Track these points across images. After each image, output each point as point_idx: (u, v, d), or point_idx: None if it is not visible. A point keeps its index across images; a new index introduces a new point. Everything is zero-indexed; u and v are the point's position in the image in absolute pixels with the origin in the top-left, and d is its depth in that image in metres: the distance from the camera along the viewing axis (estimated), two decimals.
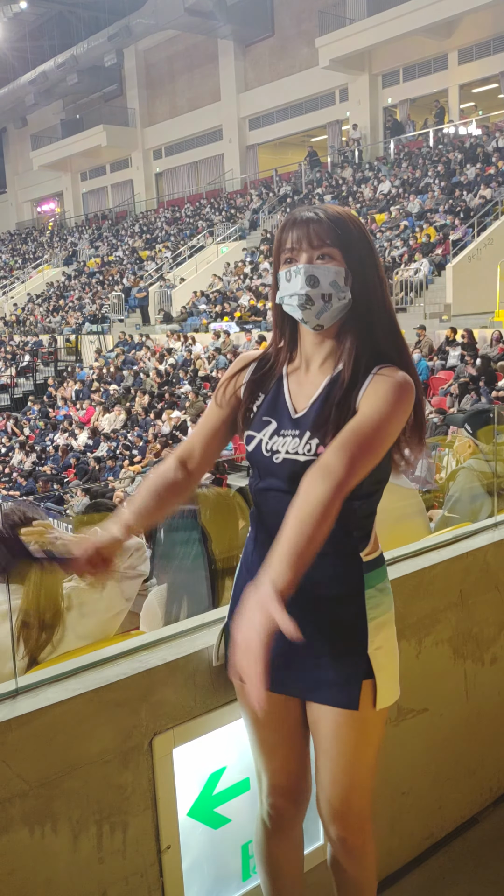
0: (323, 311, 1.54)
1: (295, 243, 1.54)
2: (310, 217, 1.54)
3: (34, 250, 34.98)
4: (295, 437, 1.56)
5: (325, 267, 1.53)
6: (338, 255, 1.53)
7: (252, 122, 29.53)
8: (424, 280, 16.51)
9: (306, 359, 1.63)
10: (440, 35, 22.63)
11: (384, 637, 1.64)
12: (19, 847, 1.53)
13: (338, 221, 1.54)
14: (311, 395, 1.59)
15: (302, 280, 1.53)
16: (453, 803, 2.47)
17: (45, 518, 2.21)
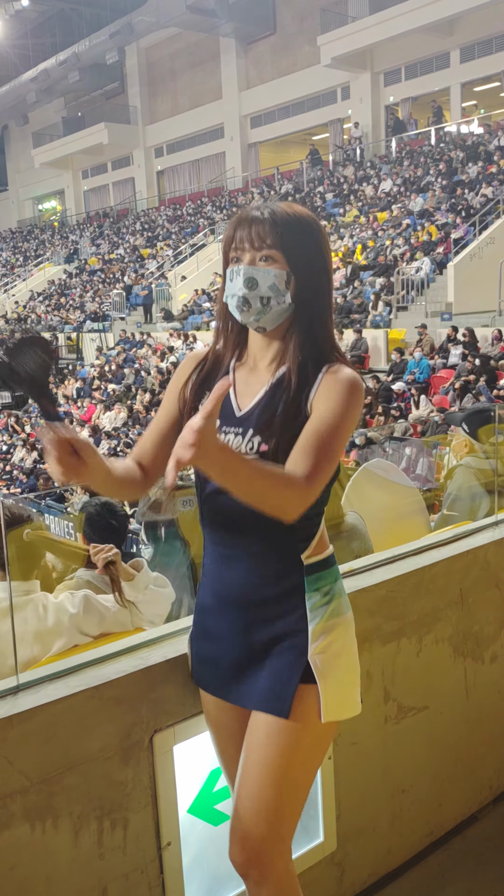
0: (262, 314, 1.51)
1: (239, 242, 1.51)
2: (255, 217, 1.50)
3: (35, 248, 34.97)
4: (238, 434, 1.53)
5: (265, 270, 1.49)
6: (280, 258, 1.49)
7: (254, 120, 29.49)
8: (426, 278, 16.50)
9: (253, 357, 1.60)
10: (442, 33, 22.59)
11: (330, 642, 1.55)
12: (20, 843, 1.54)
13: (285, 223, 1.49)
14: (255, 393, 1.56)
15: (241, 281, 1.49)
16: (453, 801, 2.48)
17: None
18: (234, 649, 1.57)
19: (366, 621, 2.12)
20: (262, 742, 1.53)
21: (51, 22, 32.81)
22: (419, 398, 12.77)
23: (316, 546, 1.57)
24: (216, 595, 1.60)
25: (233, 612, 1.57)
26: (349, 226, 20.86)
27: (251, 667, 1.55)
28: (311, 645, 1.53)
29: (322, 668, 1.52)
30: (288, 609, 1.54)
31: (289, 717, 1.50)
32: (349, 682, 1.58)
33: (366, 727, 2.16)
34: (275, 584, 1.55)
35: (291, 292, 1.50)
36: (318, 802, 2.02)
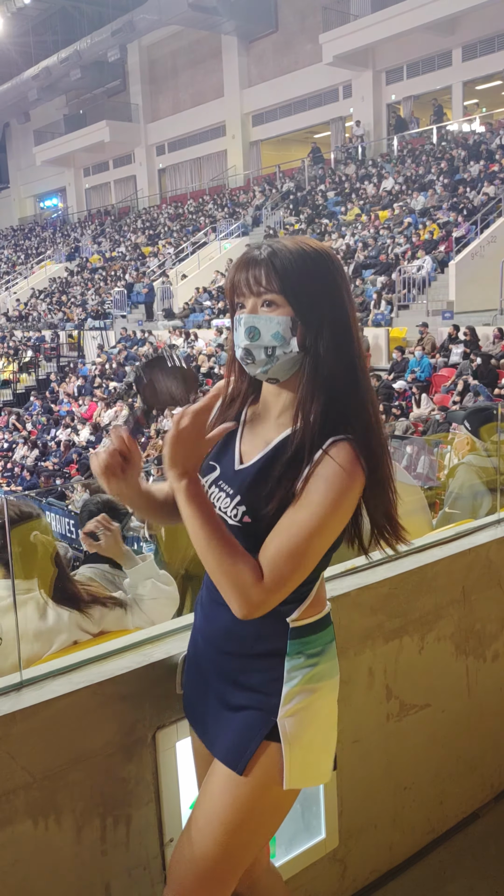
0: (269, 365, 1.37)
1: (241, 286, 1.38)
2: (252, 258, 1.36)
3: (37, 246, 34.96)
4: (229, 495, 1.42)
5: (266, 317, 1.35)
6: (282, 303, 1.34)
7: (255, 119, 29.48)
8: (427, 277, 16.49)
9: (265, 405, 1.47)
10: (444, 31, 22.57)
11: (305, 706, 1.45)
12: (23, 838, 1.54)
13: (286, 262, 1.33)
14: (257, 450, 1.44)
15: (243, 332, 1.37)
16: (454, 798, 2.48)
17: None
18: (210, 690, 1.53)
19: (368, 619, 2.12)
20: (214, 792, 1.47)
21: (52, 19, 32.78)
22: (420, 397, 12.77)
23: (307, 609, 1.46)
24: (202, 632, 1.56)
25: (212, 655, 1.53)
26: (350, 224, 20.85)
27: (222, 711, 1.50)
28: (281, 707, 1.44)
29: (290, 732, 1.43)
30: (266, 667, 1.46)
31: (243, 774, 1.43)
32: (320, 750, 1.49)
33: (368, 725, 2.16)
34: (255, 643, 1.46)
35: (299, 339, 1.35)
36: (320, 799, 2.03)
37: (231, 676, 1.49)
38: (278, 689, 1.44)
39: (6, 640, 1.94)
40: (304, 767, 1.45)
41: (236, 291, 1.39)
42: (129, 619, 2.24)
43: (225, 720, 1.48)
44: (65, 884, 1.61)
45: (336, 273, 1.38)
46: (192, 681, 1.61)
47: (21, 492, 14.24)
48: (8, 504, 2.16)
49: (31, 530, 2.15)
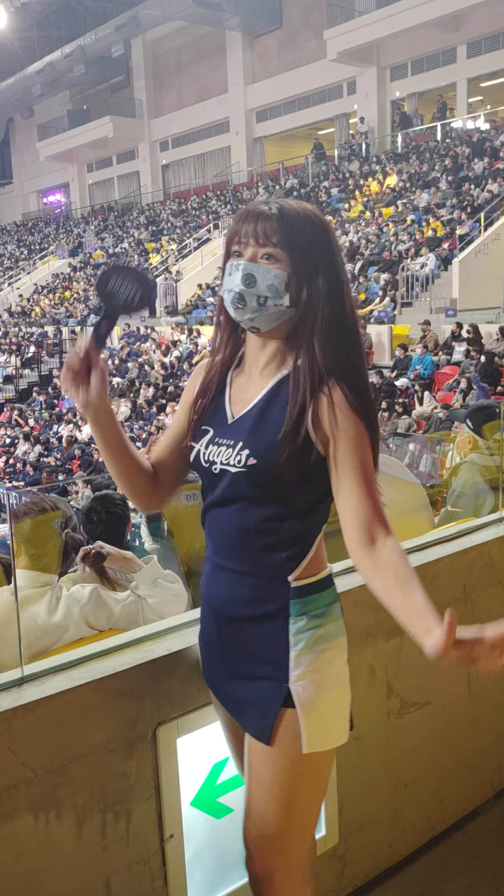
0: (256, 314, 1.43)
1: (243, 237, 1.43)
2: (262, 211, 1.42)
3: (40, 241, 34.95)
4: (229, 446, 1.46)
5: (265, 268, 1.42)
6: (283, 258, 1.41)
7: (259, 115, 29.42)
8: (430, 274, 16.47)
9: (249, 362, 1.53)
10: (449, 28, 22.51)
11: (314, 670, 1.47)
12: (24, 833, 1.54)
13: (292, 221, 1.41)
14: (249, 400, 1.49)
15: (239, 277, 1.42)
16: (454, 796, 2.49)
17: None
18: (222, 659, 1.55)
19: (369, 617, 2.12)
20: (254, 765, 1.51)
21: (56, 14, 32.71)
22: (423, 394, 12.75)
23: (307, 567, 1.48)
24: (207, 602, 1.58)
25: (218, 624, 1.55)
26: (354, 221, 20.82)
27: (239, 679, 1.52)
28: (291, 672, 1.46)
29: (304, 697, 1.45)
30: (269, 632, 1.48)
31: (270, 744, 1.46)
32: (335, 711, 1.51)
33: (368, 722, 2.17)
34: (256, 604, 1.48)
35: (291, 295, 1.42)
36: None
37: (241, 646, 1.51)
38: (285, 654, 1.46)
39: (9, 635, 1.94)
40: (322, 730, 1.47)
41: (238, 239, 1.45)
42: (139, 618, 2.24)
43: (246, 691, 1.51)
44: (65, 879, 1.62)
45: (333, 238, 1.47)
46: (206, 653, 1.61)
47: (23, 488, 14.25)
48: (42, 497, 2.20)
49: (50, 522, 2.17)
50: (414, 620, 1.30)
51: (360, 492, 1.40)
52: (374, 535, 1.39)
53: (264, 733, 1.47)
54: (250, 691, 1.50)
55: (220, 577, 1.53)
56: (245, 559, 1.48)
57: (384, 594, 1.36)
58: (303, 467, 1.42)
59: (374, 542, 1.38)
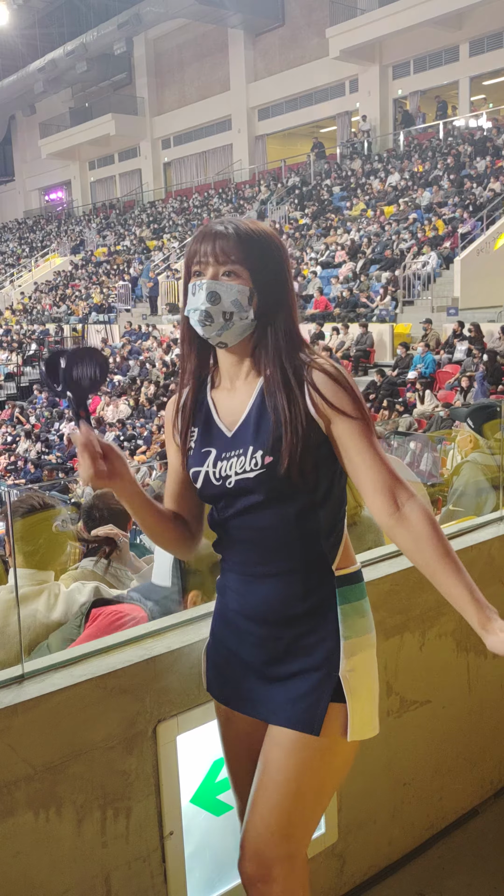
0: (224, 329, 1.48)
1: (202, 257, 1.48)
2: (219, 231, 1.47)
3: (41, 239, 34.94)
4: (238, 455, 1.49)
5: (228, 284, 1.46)
6: (244, 274, 1.47)
7: (261, 113, 29.39)
8: (432, 273, 16.46)
9: (229, 377, 1.56)
10: (451, 26, 22.48)
11: (360, 660, 1.53)
12: (24, 830, 1.55)
13: (248, 239, 1.47)
14: (241, 410, 1.52)
15: (204, 295, 1.47)
16: (454, 794, 2.49)
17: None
18: (260, 665, 1.54)
19: None
20: (283, 758, 1.50)
21: (59, 12, 32.70)
22: (424, 393, 12.75)
23: (343, 557, 1.55)
24: (240, 612, 1.56)
25: (261, 629, 1.54)
26: (356, 219, 20.80)
27: (276, 682, 1.52)
28: (343, 661, 1.50)
29: (353, 685, 1.50)
30: (319, 623, 1.51)
31: (320, 734, 1.48)
32: (374, 700, 1.56)
33: None
34: (305, 599, 1.51)
35: (254, 308, 1.48)
36: None
37: (283, 645, 1.52)
38: (336, 643, 1.50)
39: (10, 632, 1.95)
40: (363, 719, 1.52)
41: (198, 259, 1.49)
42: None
43: (289, 690, 1.51)
44: (65, 875, 1.62)
45: (283, 250, 1.53)
46: (229, 663, 1.59)
47: (24, 485, 14.26)
48: (30, 495, 2.19)
49: (50, 521, 2.17)
50: (468, 608, 1.45)
51: (374, 459, 1.46)
52: (398, 500, 1.45)
53: (314, 724, 1.48)
54: (296, 688, 1.51)
55: (260, 585, 1.53)
56: (291, 556, 1.51)
57: (426, 569, 1.46)
58: (314, 450, 1.46)
59: (400, 506, 1.45)
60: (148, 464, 11.97)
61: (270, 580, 1.52)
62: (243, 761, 1.64)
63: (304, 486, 1.47)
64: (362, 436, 1.46)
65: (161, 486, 2.90)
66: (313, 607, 1.52)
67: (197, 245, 1.49)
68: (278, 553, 1.51)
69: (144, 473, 10.56)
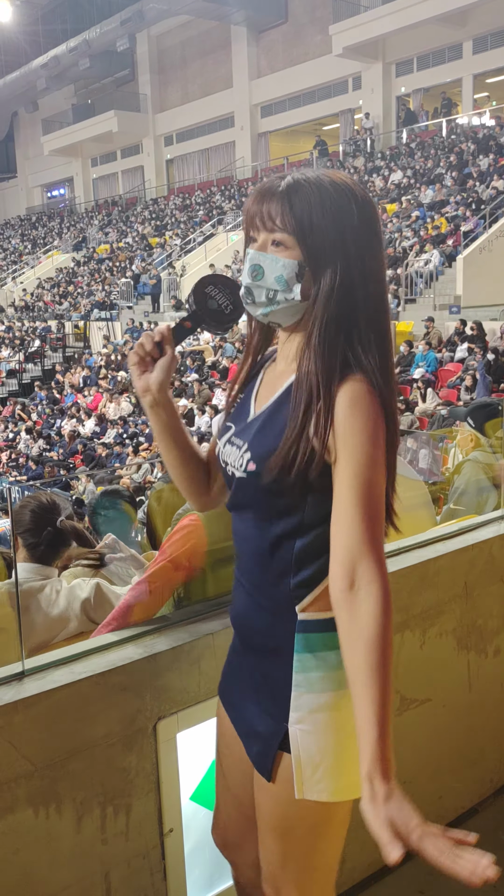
0: (269, 308, 1.27)
1: (252, 219, 1.27)
2: (269, 189, 1.24)
3: (44, 235, 34.94)
4: (238, 447, 1.34)
5: (273, 257, 1.24)
6: (293, 244, 1.22)
7: (264, 110, 29.36)
8: (434, 271, 16.44)
9: (282, 356, 1.37)
10: (455, 24, 22.43)
11: (314, 720, 1.31)
12: (24, 827, 1.55)
13: (307, 198, 1.20)
14: (268, 398, 1.34)
15: (247, 269, 1.27)
16: (454, 793, 2.49)
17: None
18: (243, 678, 1.46)
19: None
20: (258, 798, 1.42)
21: (61, 8, 32.67)
22: (426, 391, 12.74)
23: (318, 599, 1.31)
24: (232, 616, 1.50)
25: (241, 644, 1.47)
26: None
27: (252, 703, 1.42)
28: (291, 713, 1.31)
29: (301, 742, 1.31)
30: (277, 663, 1.35)
31: (272, 781, 1.35)
32: (339, 762, 1.32)
33: None
34: (265, 631, 1.37)
35: (303, 288, 1.24)
36: None
37: (251, 668, 1.43)
38: (287, 692, 1.32)
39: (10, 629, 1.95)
40: (319, 779, 1.31)
41: (251, 224, 1.28)
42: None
43: (254, 719, 1.40)
44: (65, 873, 1.62)
45: (366, 212, 1.24)
46: (229, 667, 1.54)
47: (26, 482, 14.28)
48: (38, 494, 2.20)
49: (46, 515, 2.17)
50: (367, 745, 1.19)
51: (352, 516, 1.18)
52: (355, 578, 1.17)
53: (264, 770, 1.36)
54: (257, 720, 1.39)
55: (239, 591, 1.44)
56: (257, 581, 1.37)
57: (350, 670, 1.18)
58: (306, 477, 1.24)
59: (353, 586, 1.17)
60: (150, 461, 11.98)
61: (243, 592, 1.41)
62: (223, 754, 1.58)
63: (285, 510, 1.29)
64: (352, 487, 1.19)
65: (163, 487, 2.90)
66: (271, 642, 1.36)
67: (250, 205, 1.27)
68: (248, 566, 1.38)
69: (146, 470, 10.56)
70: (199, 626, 1.83)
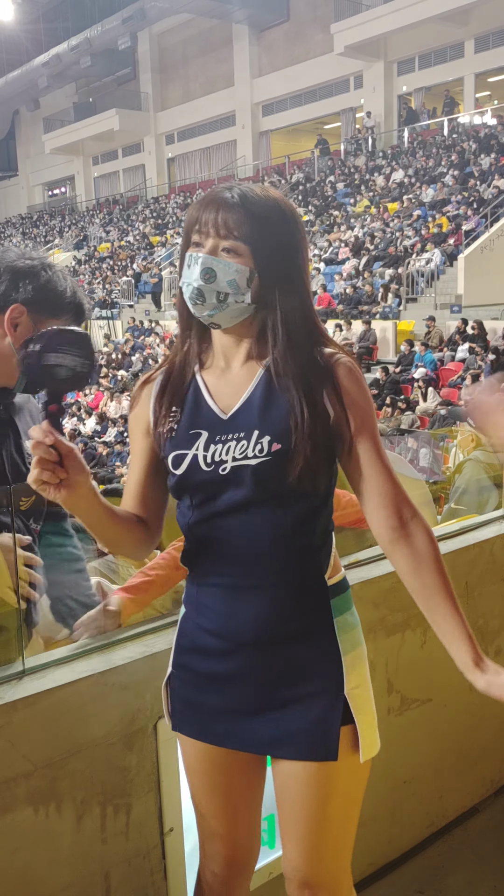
0: (216, 311, 1.32)
1: (203, 226, 1.31)
2: (224, 200, 1.31)
3: (45, 234, 34.93)
4: (240, 439, 1.32)
5: (225, 262, 1.30)
6: (245, 252, 1.30)
7: (265, 108, 29.36)
8: (436, 270, 16.44)
9: (225, 357, 1.39)
10: (456, 22, 22.43)
11: (360, 675, 1.41)
12: (23, 827, 1.55)
13: (257, 211, 1.30)
14: (240, 393, 1.36)
15: (198, 271, 1.30)
16: (454, 793, 2.48)
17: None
18: (249, 694, 1.39)
19: (371, 613, 2.12)
20: (303, 791, 1.40)
21: (63, 6, 32.66)
22: (427, 391, 12.74)
23: (333, 563, 1.43)
24: (220, 636, 1.39)
25: (248, 654, 1.38)
26: (360, 216, 20.78)
27: (274, 709, 1.38)
28: (346, 678, 1.39)
29: (358, 703, 1.40)
30: (317, 641, 1.39)
31: (337, 759, 1.38)
32: (374, 717, 1.45)
33: None
34: (301, 616, 1.38)
35: (253, 292, 1.32)
36: None
37: (277, 670, 1.38)
38: (338, 659, 1.39)
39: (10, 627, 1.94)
40: (371, 738, 1.42)
41: (199, 229, 1.32)
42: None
43: (291, 719, 1.38)
44: (64, 872, 1.62)
45: (298, 225, 1.37)
46: (211, 697, 1.43)
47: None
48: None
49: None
50: (462, 644, 1.39)
51: (384, 468, 1.37)
52: (403, 515, 1.37)
53: (330, 750, 1.37)
54: (296, 716, 1.38)
55: (250, 601, 1.37)
56: (284, 568, 1.36)
57: (423, 593, 1.39)
58: (327, 445, 1.34)
59: (405, 523, 1.37)
60: None
61: (259, 595, 1.36)
62: (218, 794, 1.50)
63: (306, 488, 1.33)
64: (374, 441, 1.36)
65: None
66: (310, 623, 1.39)
67: (199, 212, 1.33)
68: (269, 564, 1.35)
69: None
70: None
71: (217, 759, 1.46)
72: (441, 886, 2.24)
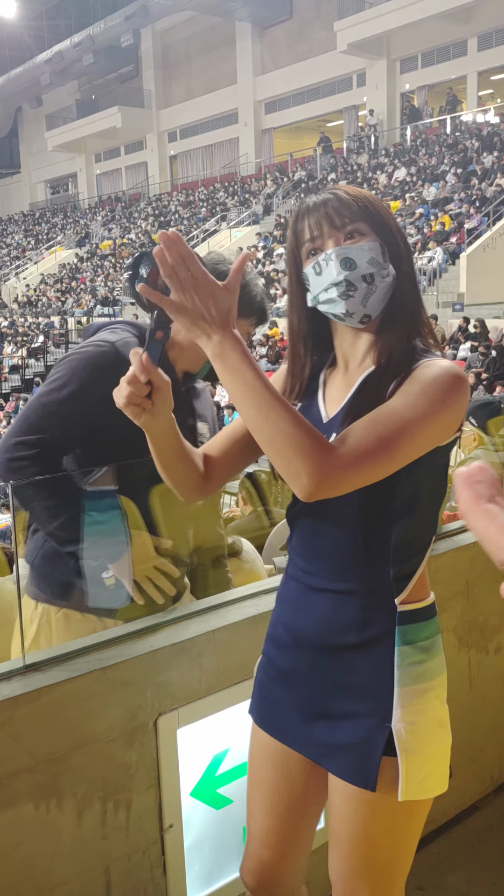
0: (369, 296, 1.31)
1: (315, 230, 1.31)
2: (324, 198, 1.33)
3: (47, 231, 34.94)
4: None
5: (357, 245, 1.30)
6: (366, 230, 1.31)
7: (268, 106, 29.34)
8: (438, 269, 16.44)
9: (345, 358, 1.39)
10: (460, 21, 22.41)
11: (419, 712, 1.32)
12: (24, 821, 1.55)
13: (347, 197, 1.32)
14: (343, 397, 1.36)
15: (336, 266, 1.29)
16: (454, 791, 2.47)
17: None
18: (307, 696, 1.39)
19: None
20: (346, 810, 1.36)
21: (66, 3, 32.66)
22: None
23: (414, 589, 1.35)
24: (290, 630, 1.42)
25: (309, 655, 1.39)
26: None
27: (326, 719, 1.37)
28: (395, 710, 1.31)
29: (407, 740, 1.31)
30: (373, 661, 1.33)
31: (376, 790, 1.31)
32: (437, 757, 1.35)
33: None
34: (359, 630, 1.33)
35: (392, 262, 1.33)
36: None
37: (331, 678, 1.36)
38: (389, 688, 1.32)
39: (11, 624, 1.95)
40: (421, 778, 1.32)
41: (310, 236, 1.32)
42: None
43: (337, 733, 1.35)
44: (65, 867, 1.62)
45: (383, 202, 1.39)
46: (277, 690, 1.45)
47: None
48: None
49: None
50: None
51: (366, 422, 1.21)
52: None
53: (369, 779, 1.31)
54: (344, 732, 1.35)
55: (317, 601, 1.37)
56: (352, 575, 1.34)
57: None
58: None
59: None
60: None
61: (322, 599, 1.36)
62: (267, 790, 1.49)
63: (384, 496, 1.28)
64: (394, 408, 1.25)
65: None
66: (369, 642, 1.33)
67: (300, 223, 1.33)
68: (338, 567, 1.35)
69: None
70: (200, 623, 1.83)
71: (274, 755, 1.47)
72: (441, 884, 2.25)
